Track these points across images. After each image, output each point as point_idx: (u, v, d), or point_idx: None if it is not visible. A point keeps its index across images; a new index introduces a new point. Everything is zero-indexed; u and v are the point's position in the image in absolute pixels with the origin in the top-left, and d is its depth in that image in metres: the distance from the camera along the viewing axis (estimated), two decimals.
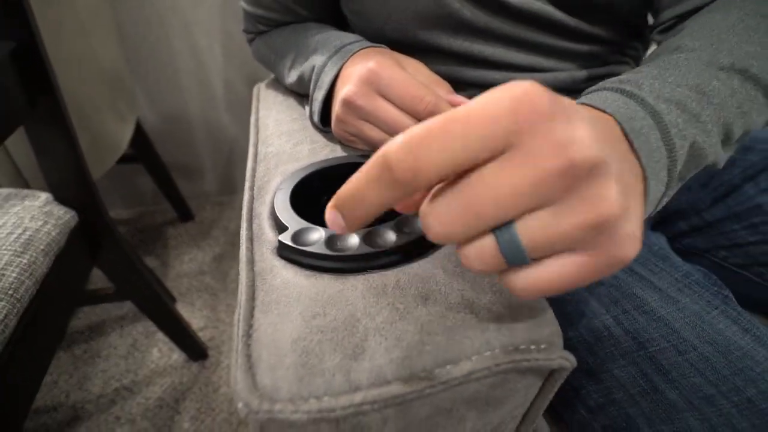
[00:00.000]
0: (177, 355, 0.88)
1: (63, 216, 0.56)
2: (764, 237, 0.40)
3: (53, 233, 0.53)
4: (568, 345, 0.31)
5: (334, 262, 0.23)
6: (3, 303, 0.43)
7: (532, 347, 0.20)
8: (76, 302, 0.60)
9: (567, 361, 0.21)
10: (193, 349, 0.85)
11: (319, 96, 0.37)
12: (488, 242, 0.16)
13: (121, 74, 0.89)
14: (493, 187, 0.15)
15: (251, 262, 0.24)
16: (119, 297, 0.72)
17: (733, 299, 0.31)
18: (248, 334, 0.20)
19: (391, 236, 0.24)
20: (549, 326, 0.21)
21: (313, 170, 0.32)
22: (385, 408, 0.18)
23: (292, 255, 0.24)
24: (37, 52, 0.50)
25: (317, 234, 0.24)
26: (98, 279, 0.77)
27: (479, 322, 0.20)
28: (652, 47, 0.41)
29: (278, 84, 0.51)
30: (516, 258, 0.16)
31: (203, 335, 0.91)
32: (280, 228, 0.26)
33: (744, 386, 0.25)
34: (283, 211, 0.27)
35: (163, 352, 0.89)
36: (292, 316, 0.21)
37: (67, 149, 0.56)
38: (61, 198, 0.58)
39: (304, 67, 0.40)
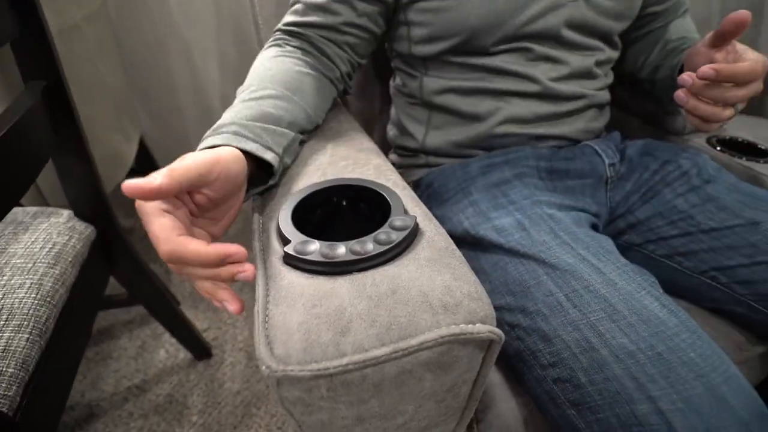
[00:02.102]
0: (183, 355, 0.94)
1: (84, 230, 0.63)
2: (680, 231, 0.50)
3: (78, 246, 0.60)
4: (529, 315, 0.39)
5: (327, 267, 0.31)
6: (44, 309, 0.50)
7: (469, 325, 0.28)
8: (98, 306, 0.67)
9: (495, 335, 0.29)
10: (199, 348, 0.92)
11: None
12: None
13: (125, 96, 0.96)
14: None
15: (264, 268, 0.32)
16: (132, 301, 0.79)
17: (659, 285, 0.40)
18: (265, 321, 0.28)
19: (370, 246, 0.32)
20: (484, 310, 0.29)
21: (309, 192, 0.39)
22: (364, 368, 0.26)
23: (295, 262, 0.32)
24: (62, 87, 0.57)
25: (314, 245, 0.32)
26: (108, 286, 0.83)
27: (431, 308, 0.28)
28: None
29: None
30: None
31: (207, 335, 0.98)
32: (285, 241, 0.34)
33: (656, 344, 0.33)
34: (286, 227, 0.35)
35: (170, 352, 0.96)
36: (297, 307, 0.28)
37: (85, 172, 0.63)
38: (80, 214, 0.65)
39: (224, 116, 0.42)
